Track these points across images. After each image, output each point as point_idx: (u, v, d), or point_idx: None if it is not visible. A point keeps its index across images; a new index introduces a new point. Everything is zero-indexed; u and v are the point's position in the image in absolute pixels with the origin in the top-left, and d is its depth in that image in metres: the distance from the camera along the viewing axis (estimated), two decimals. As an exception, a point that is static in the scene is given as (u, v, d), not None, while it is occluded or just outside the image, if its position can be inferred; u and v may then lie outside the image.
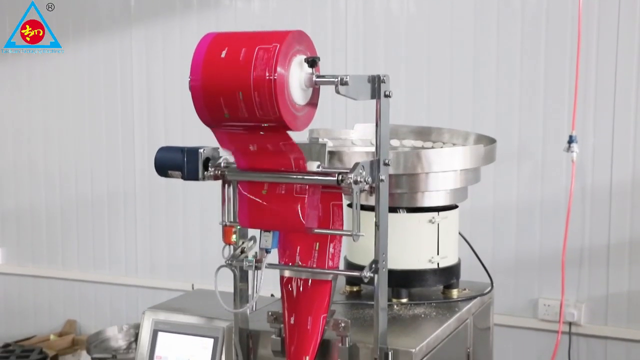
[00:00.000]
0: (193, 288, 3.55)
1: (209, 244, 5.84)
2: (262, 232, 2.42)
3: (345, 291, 3.10)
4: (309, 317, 2.44)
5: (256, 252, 2.48)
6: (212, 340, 2.83)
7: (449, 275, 3.03)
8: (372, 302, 2.42)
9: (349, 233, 2.31)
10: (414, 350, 2.44)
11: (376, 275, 2.35)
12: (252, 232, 2.52)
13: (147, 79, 6.19)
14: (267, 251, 2.43)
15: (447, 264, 3.01)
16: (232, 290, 2.58)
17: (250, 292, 2.58)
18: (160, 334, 2.92)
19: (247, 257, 2.47)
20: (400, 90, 5.13)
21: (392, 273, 2.47)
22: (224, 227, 2.46)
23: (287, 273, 2.49)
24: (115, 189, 6.39)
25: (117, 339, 5.93)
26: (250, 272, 2.53)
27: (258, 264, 2.44)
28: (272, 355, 2.55)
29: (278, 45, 2.12)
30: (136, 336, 4.80)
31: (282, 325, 2.49)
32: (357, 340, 2.47)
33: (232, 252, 2.50)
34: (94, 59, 6.32)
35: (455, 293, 3.07)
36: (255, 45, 2.13)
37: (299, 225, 2.29)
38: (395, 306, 2.90)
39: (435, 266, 2.97)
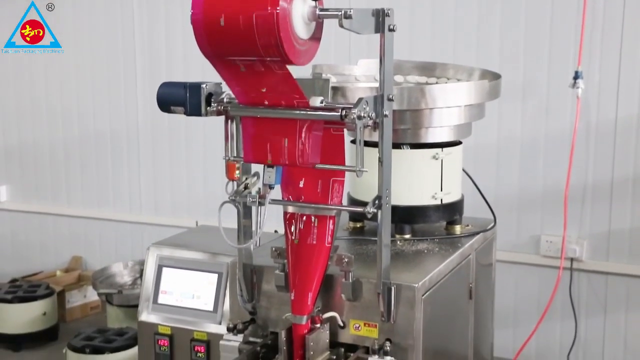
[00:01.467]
0: (197, 225, 3.57)
1: (213, 180, 5.84)
2: (266, 167, 2.41)
3: (348, 227, 3.11)
4: (312, 255, 2.45)
5: (259, 188, 2.47)
6: (216, 275, 2.86)
7: (452, 211, 3.04)
8: (376, 238, 2.43)
9: (353, 168, 2.30)
10: (416, 285, 2.45)
11: (379, 211, 2.35)
12: (256, 168, 2.51)
13: (148, 15, 6.11)
14: (271, 187, 2.42)
15: (450, 200, 3.01)
16: (235, 226, 2.58)
17: (253, 228, 2.58)
18: (164, 269, 2.96)
19: (250, 193, 2.47)
20: (405, 26, 5.06)
21: (395, 209, 2.47)
22: (227, 162, 2.45)
23: (290, 209, 2.49)
24: (118, 126, 6.37)
25: (123, 274, 6.00)
26: (253, 208, 2.53)
27: (261, 199, 2.44)
28: (275, 290, 2.57)
29: (281, -22, 2.08)
30: (141, 272, 4.84)
31: (285, 261, 2.51)
32: (360, 275, 2.49)
33: (235, 188, 2.49)
34: (95, -5, 6.26)
35: (458, 229, 3.08)
36: (258, -23, 2.09)
37: (303, 159, 2.28)
38: (398, 242, 2.91)
39: (439, 202, 2.97)
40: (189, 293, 2.89)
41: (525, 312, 5.14)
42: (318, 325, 2.44)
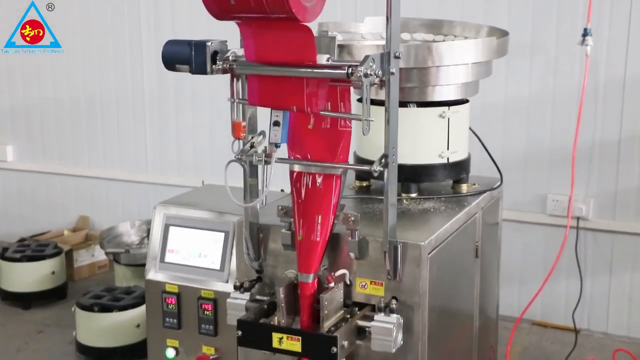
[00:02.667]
0: (203, 184, 3.58)
1: (219, 139, 5.83)
2: (272, 126, 2.41)
3: (354, 186, 3.11)
4: (318, 213, 2.45)
5: (266, 147, 2.47)
6: (222, 234, 2.87)
7: (458, 170, 3.03)
8: (382, 197, 2.43)
9: (359, 117, 2.28)
10: (422, 243, 2.46)
11: (386, 170, 2.35)
12: (262, 126, 2.50)
13: (152, -28, 6.06)
14: (277, 145, 2.42)
15: (456, 159, 3.01)
16: (242, 185, 2.59)
17: (260, 186, 2.59)
18: (171, 228, 2.97)
19: (256, 151, 2.47)
20: (412, -17, 5.00)
21: (401, 168, 2.47)
22: (233, 121, 2.45)
23: (296, 167, 2.48)
24: (123, 85, 6.35)
25: (130, 234, 6.02)
26: (259, 167, 2.53)
27: (267, 158, 2.44)
28: (282, 248, 2.58)
29: None
30: (148, 232, 4.86)
31: (292, 220, 2.51)
32: (367, 234, 2.49)
33: (241, 146, 2.49)
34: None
35: (464, 188, 3.08)
36: None
37: (309, 104, 2.27)
38: (404, 201, 2.91)
39: (445, 161, 2.97)
40: (196, 252, 2.90)
41: (531, 271, 5.16)
42: (332, 284, 2.45)
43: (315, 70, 2.27)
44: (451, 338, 2.88)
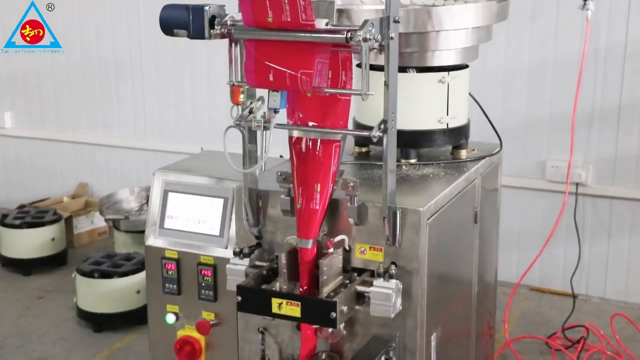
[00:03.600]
0: (202, 150, 3.56)
1: (218, 106, 5.81)
2: (270, 92, 2.39)
3: (354, 152, 3.11)
4: (317, 179, 2.45)
5: (264, 112, 2.46)
6: (222, 200, 2.87)
7: (458, 135, 3.02)
8: (381, 163, 2.43)
9: (358, 92, 2.28)
10: (422, 209, 2.46)
11: (385, 135, 2.34)
12: (261, 92, 2.49)
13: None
14: (276, 111, 2.41)
15: (456, 125, 3.00)
16: (241, 151, 2.58)
17: (259, 152, 2.58)
18: (170, 194, 2.96)
19: (255, 117, 2.46)
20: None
21: (401, 133, 2.46)
22: (232, 87, 2.43)
23: (295, 133, 2.47)
24: (121, 51, 6.31)
25: (129, 200, 6.03)
26: (258, 133, 2.53)
27: (266, 124, 2.43)
28: (281, 214, 2.58)
29: None
30: (147, 198, 4.86)
31: (291, 185, 2.51)
32: (366, 199, 2.49)
33: (240, 112, 2.48)
34: None
35: (464, 153, 3.07)
36: None
37: (307, 84, 2.26)
38: (403, 166, 2.91)
39: (445, 126, 2.96)
40: (195, 218, 2.89)
41: (530, 237, 5.17)
42: (331, 249, 2.45)
43: (313, 35, 2.25)
44: (450, 303, 2.89)
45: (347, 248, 2.52)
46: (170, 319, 2.96)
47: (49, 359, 4.50)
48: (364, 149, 3.10)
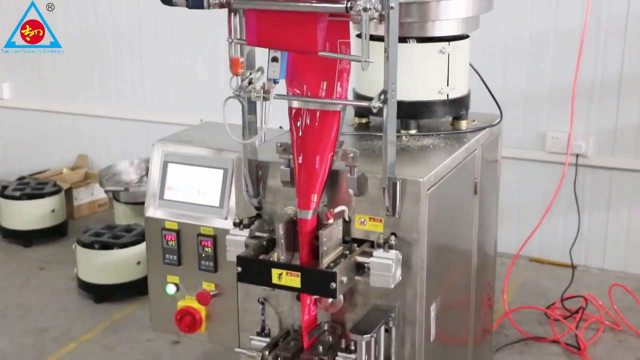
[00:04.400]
0: (202, 122, 3.55)
1: (217, 77, 5.78)
2: (270, 62, 2.38)
3: (354, 123, 3.10)
4: (317, 150, 2.44)
5: (264, 83, 2.45)
6: (221, 171, 2.86)
7: (458, 106, 3.01)
8: (381, 134, 2.42)
9: (358, 58, 2.26)
10: (421, 180, 2.45)
11: (385, 106, 2.33)
12: (260, 62, 2.48)
13: None
14: (275, 81, 2.40)
15: (456, 95, 2.98)
16: (240, 122, 2.57)
17: (258, 123, 2.58)
18: (170, 165, 2.96)
19: (254, 88, 2.45)
20: None
21: (401, 104, 2.45)
22: (231, 57, 2.42)
23: (295, 104, 2.46)
24: (120, 22, 6.27)
25: (129, 172, 6.03)
26: (258, 103, 2.52)
27: (266, 94, 2.42)
28: (281, 185, 2.58)
29: None
30: (147, 170, 4.86)
31: (291, 156, 2.50)
32: (366, 170, 2.49)
33: (239, 83, 2.47)
34: None
35: (464, 124, 3.06)
36: None
37: (308, 44, 2.24)
38: (403, 137, 2.90)
39: (445, 97, 2.95)
40: (195, 189, 2.89)
41: (530, 208, 5.18)
42: (331, 220, 2.45)
43: (313, 4, 2.23)
44: (449, 274, 2.90)
45: (347, 219, 2.52)
46: (171, 289, 2.97)
47: (51, 329, 4.53)
48: (363, 120, 3.09)
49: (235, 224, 2.62)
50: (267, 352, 2.53)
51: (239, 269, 2.44)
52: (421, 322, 2.57)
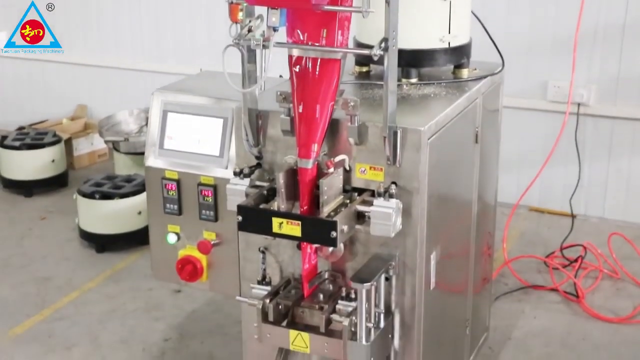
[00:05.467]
0: (201, 71, 3.52)
1: (216, 26, 5.73)
2: (270, 9, 2.35)
3: (354, 72, 3.08)
4: (317, 99, 2.42)
5: (264, 31, 2.42)
6: (221, 120, 2.85)
7: (459, 54, 2.99)
8: (382, 82, 2.40)
9: (359, 9, 2.23)
10: (422, 128, 2.44)
11: (386, 54, 2.31)
12: (260, 10, 2.45)
13: None
14: (275, 29, 2.37)
15: (458, 43, 2.95)
16: (240, 71, 2.55)
17: (258, 72, 2.55)
18: (169, 114, 2.94)
19: (254, 35, 2.42)
20: None
21: (401, 52, 2.43)
22: (230, 4, 2.39)
23: (295, 52, 2.44)
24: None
25: (128, 122, 6.01)
26: (258, 52, 2.49)
27: (266, 42, 2.40)
28: (281, 134, 2.57)
29: None
30: (147, 120, 4.84)
31: (291, 105, 2.49)
32: (366, 119, 2.47)
33: (239, 31, 2.44)
34: None
35: (465, 73, 3.04)
36: None
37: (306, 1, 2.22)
38: (404, 86, 2.88)
39: (446, 45, 2.92)
40: (195, 138, 2.88)
41: (530, 157, 5.17)
42: (331, 169, 2.45)
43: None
44: (450, 223, 2.91)
45: (348, 168, 2.52)
46: (172, 238, 2.98)
47: (53, 278, 4.56)
48: (364, 69, 3.07)
49: (235, 173, 2.62)
50: (267, 301, 2.55)
51: (240, 218, 2.44)
52: (421, 271, 2.58)
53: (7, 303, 4.31)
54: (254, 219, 2.44)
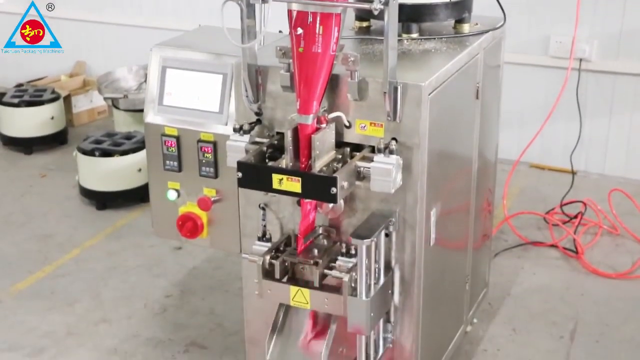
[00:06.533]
0: (199, 27, 3.49)
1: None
2: (268, -37, 2.32)
3: (354, 27, 3.05)
4: (317, 54, 2.40)
5: (263, -15, 2.39)
6: (220, 76, 2.83)
7: (460, 9, 2.95)
8: (382, 37, 2.38)
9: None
10: (423, 84, 2.43)
11: (386, 8, 2.28)
12: (258, -37, 2.41)
13: None
14: (274, -17, 2.34)
15: (459, -3, 2.92)
16: (239, 27, 2.52)
17: (257, 27, 2.53)
18: (168, 70, 2.92)
19: (253, -11, 2.39)
20: None
21: (402, 7, 2.41)
22: (228, -42, 2.36)
23: (294, 6, 2.41)
24: None
25: (127, 79, 5.97)
26: (257, 6, 2.47)
27: (265, -4, 2.37)
28: (281, 90, 2.55)
29: None
30: (146, 77, 4.82)
31: (290, 61, 2.47)
32: (367, 75, 2.45)
33: (238, -15, 2.41)
34: None
35: (466, 27, 3.01)
36: None
37: None
38: (405, 41, 2.86)
39: (447, -1, 2.89)
40: (194, 94, 2.86)
41: (531, 114, 5.15)
42: (324, 125, 2.44)
43: None
44: (450, 179, 2.90)
45: (348, 124, 2.50)
46: (172, 195, 2.98)
47: (54, 235, 4.58)
48: (364, 24, 3.04)
49: (235, 130, 2.61)
50: (268, 257, 2.56)
51: (240, 174, 2.44)
52: (421, 227, 2.59)
53: (9, 260, 4.34)
54: (254, 175, 2.44)
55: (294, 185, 2.37)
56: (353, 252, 2.51)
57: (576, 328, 3.67)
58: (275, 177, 2.39)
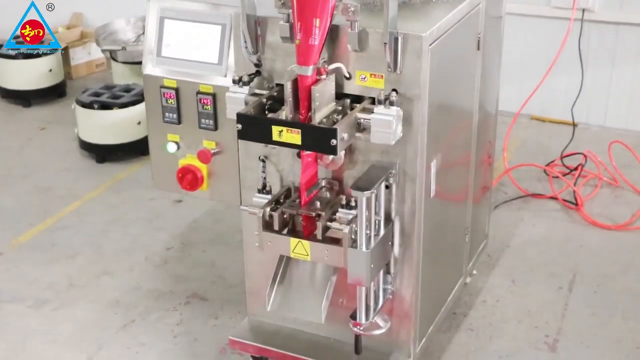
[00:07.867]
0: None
1: None
2: None
3: (354, -24, 3.00)
4: (317, 4, 2.37)
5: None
6: (219, 27, 2.80)
7: (463, -42, 2.90)
8: (383, -14, 2.34)
9: None
10: (423, 34, 2.40)
11: (387, -43, 2.25)
12: None
13: None
14: None
15: (461, -53, 2.87)
16: (237, -25, 2.49)
17: (256, -23, 2.50)
18: (166, 21, 2.89)
19: (251, -62, 2.35)
20: None
21: (403, -45, 2.36)
22: None
23: (293, -43, 2.37)
24: None
25: (126, 31, 5.92)
26: (255, -45, 2.43)
27: (263, -55, 2.33)
28: (280, 41, 2.53)
29: None
30: (144, 29, 4.78)
31: (290, 11, 2.44)
32: (367, 25, 2.43)
33: None
34: None
35: (468, -23, 2.96)
36: None
37: None
38: (406, -9, 2.82)
39: (449, -52, 2.83)
40: (193, 45, 2.83)
41: (532, 65, 5.11)
42: (324, 76, 2.42)
43: None
44: (450, 131, 2.89)
45: (347, 75, 2.48)
46: (171, 148, 2.97)
47: (55, 188, 4.58)
48: (365, -27, 2.99)
49: (234, 81, 2.59)
50: (268, 209, 2.56)
51: (239, 126, 2.43)
52: (421, 179, 2.58)
53: (10, 213, 4.35)
54: (254, 127, 2.43)
55: (294, 137, 2.36)
56: (353, 204, 2.51)
57: (575, 279, 3.70)
58: (275, 129, 2.38)
